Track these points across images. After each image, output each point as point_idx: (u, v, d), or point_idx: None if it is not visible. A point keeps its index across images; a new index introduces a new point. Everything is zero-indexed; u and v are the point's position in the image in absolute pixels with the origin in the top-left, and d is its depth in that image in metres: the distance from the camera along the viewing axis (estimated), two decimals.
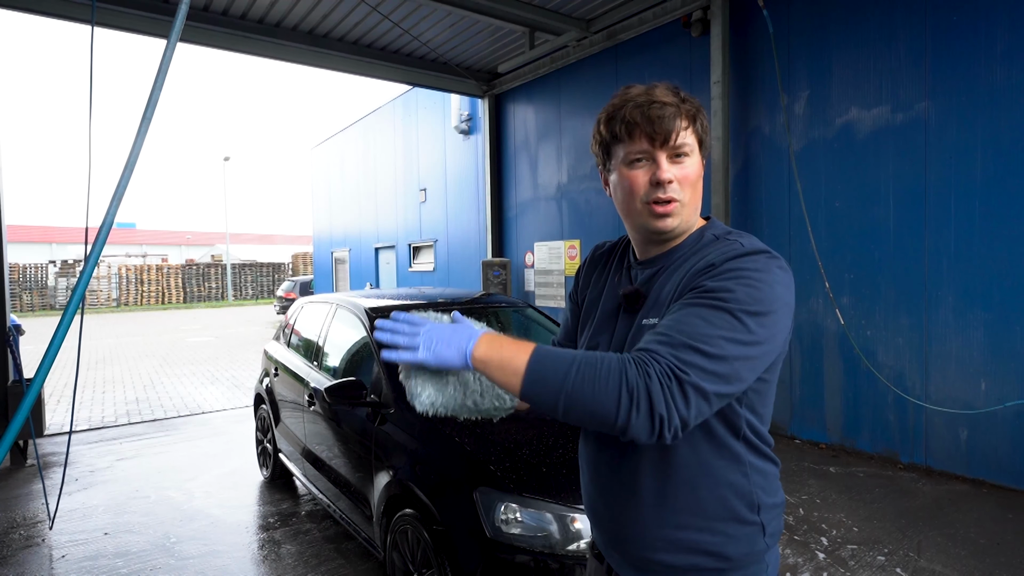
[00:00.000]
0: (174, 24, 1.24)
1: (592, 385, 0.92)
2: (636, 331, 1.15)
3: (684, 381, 0.92)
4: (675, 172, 1.12)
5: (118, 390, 8.81)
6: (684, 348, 0.93)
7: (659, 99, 1.11)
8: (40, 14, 5.83)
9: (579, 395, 0.93)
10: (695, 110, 1.14)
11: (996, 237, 4.24)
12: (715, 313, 0.97)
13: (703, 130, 1.16)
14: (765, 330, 0.99)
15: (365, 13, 6.73)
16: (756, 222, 5.74)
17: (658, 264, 1.19)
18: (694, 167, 1.14)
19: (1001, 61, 4.18)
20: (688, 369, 0.92)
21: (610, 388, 0.91)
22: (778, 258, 1.07)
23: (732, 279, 1.00)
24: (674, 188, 1.12)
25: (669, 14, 6.21)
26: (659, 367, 0.92)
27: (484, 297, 4.28)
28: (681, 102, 1.13)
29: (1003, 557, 3.27)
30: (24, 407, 1.13)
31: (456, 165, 10.52)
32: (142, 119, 1.27)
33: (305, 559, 3.48)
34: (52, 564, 3.48)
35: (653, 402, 0.90)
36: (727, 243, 1.11)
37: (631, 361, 0.94)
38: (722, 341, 0.95)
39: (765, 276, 1.01)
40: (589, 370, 0.94)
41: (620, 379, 0.92)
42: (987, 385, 4.30)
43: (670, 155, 1.12)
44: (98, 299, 29.59)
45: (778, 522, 1.18)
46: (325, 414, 3.56)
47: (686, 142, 1.12)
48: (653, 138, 1.10)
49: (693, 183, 1.14)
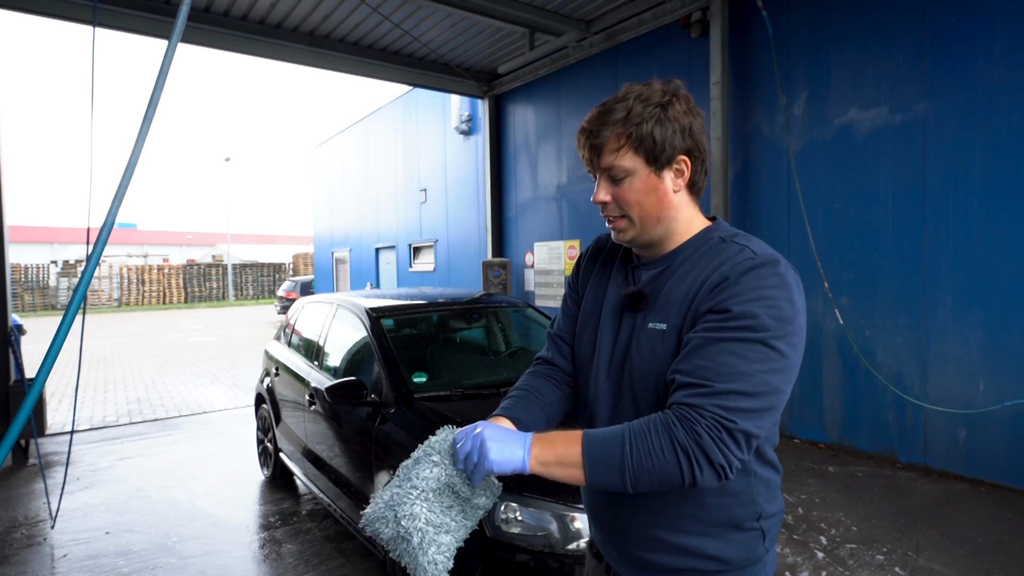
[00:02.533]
0: (175, 25, 1.25)
1: (650, 459, 0.96)
2: (641, 333, 1.14)
3: (733, 430, 0.94)
4: (613, 192, 1.13)
5: (119, 390, 8.82)
6: (725, 395, 0.95)
7: (592, 124, 1.12)
8: (41, 14, 5.84)
9: (641, 471, 0.97)
10: (635, 125, 1.08)
11: (994, 237, 4.25)
12: (747, 347, 0.97)
13: (647, 143, 1.09)
14: (793, 348, 1.01)
15: (366, 14, 6.75)
16: (755, 222, 5.75)
17: (661, 265, 1.17)
18: (632, 186, 1.11)
19: (1000, 62, 4.19)
20: (734, 417, 0.95)
21: (667, 457, 0.95)
22: (788, 264, 1.06)
23: (754, 301, 0.99)
24: (611, 208, 1.14)
25: (669, 15, 6.22)
26: (706, 423, 0.94)
27: (484, 297, 4.28)
28: (616, 121, 1.09)
29: (1001, 556, 3.28)
30: (26, 407, 1.14)
31: (456, 165, 10.53)
32: (143, 120, 1.28)
33: (306, 558, 3.49)
34: (54, 563, 3.49)
35: (711, 457, 0.94)
36: (735, 248, 1.09)
37: (676, 422, 0.96)
38: (760, 375, 0.97)
39: (784, 292, 1.01)
40: (642, 444, 0.97)
41: (673, 446, 0.95)
42: (985, 385, 4.30)
43: (607, 177, 1.13)
44: (99, 299, 29.62)
45: (777, 528, 1.19)
46: (326, 414, 3.57)
47: (615, 164, 1.10)
48: (589, 163, 1.14)
49: (635, 201, 1.12)
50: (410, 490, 1.08)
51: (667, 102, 1.10)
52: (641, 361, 1.12)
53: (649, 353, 1.11)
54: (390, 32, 7.33)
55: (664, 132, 1.09)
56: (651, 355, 1.11)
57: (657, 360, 1.10)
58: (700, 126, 1.14)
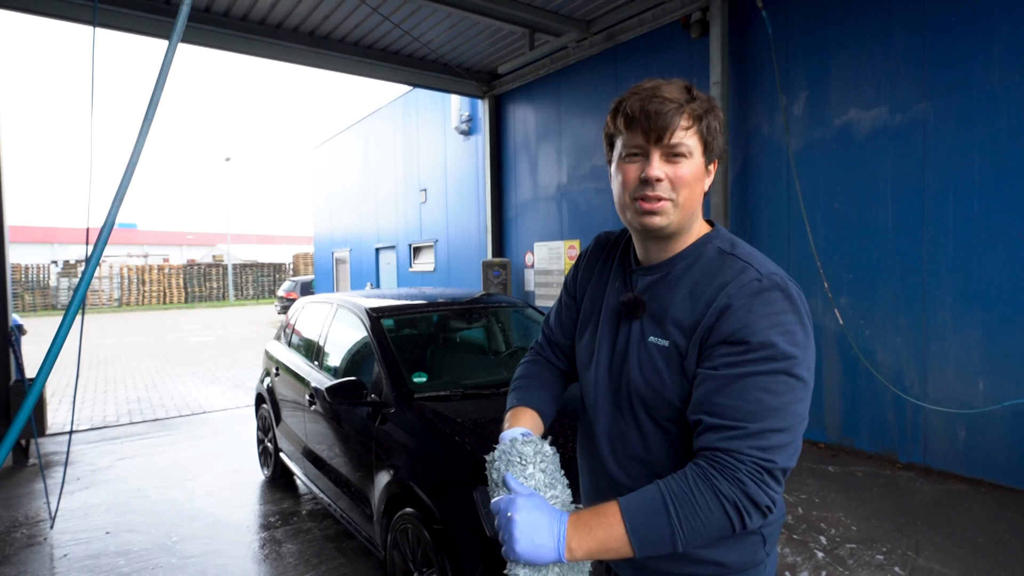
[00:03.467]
0: (176, 25, 1.26)
1: (698, 519, 0.95)
2: (641, 345, 1.13)
3: (774, 470, 0.96)
4: (667, 171, 1.08)
5: (119, 390, 8.82)
6: (760, 435, 0.95)
7: (661, 94, 1.07)
8: (41, 15, 5.85)
9: (693, 534, 0.95)
10: (703, 111, 1.08)
11: (994, 237, 4.25)
12: (772, 379, 0.97)
13: (710, 132, 1.10)
14: (810, 371, 1.02)
15: (366, 14, 6.75)
16: (755, 222, 5.75)
17: (659, 271, 1.16)
18: (690, 169, 1.08)
19: (999, 62, 4.19)
20: (773, 456, 0.95)
21: (715, 513, 0.94)
22: (792, 282, 1.06)
23: (770, 329, 0.98)
24: (663, 187, 1.08)
25: (668, 15, 6.22)
26: (746, 468, 0.95)
27: (484, 297, 4.28)
28: (688, 100, 1.07)
29: (1001, 556, 3.28)
30: (26, 407, 1.14)
31: (456, 165, 10.53)
32: (144, 120, 1.28)
33: (306, 558, 3.50)
34: (54, 563, 3.49)
35: (757, 502, 0.95)
36: (738, 266, 1.07)
37: (717, 475, 0.95)
38: (790, 407, 0.97)
39: (795, 316, 1.01)
40: (687, 507, 0.95)
41: (720, 500, 0.94)
42: (985, 385, 4.31)
43: (665, 153, 1.07)
44: (100, 299, 29.62)
45: (778, 532, 1.20)
46: (326, 414, 3.57)
47: (683, 142, 1.07)
48: (648, 133, 1.07)
49: (689, 184, 1.08)
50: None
51: (716, 105, 1.12)
52: (641, 376, 1.11)
53: (651, 369, 1.10)
54: (390, 32, 7.33)
55: (717, 129, 1.11)
56: (653, 371, 1.10)
57: (660, 378, 1.09)
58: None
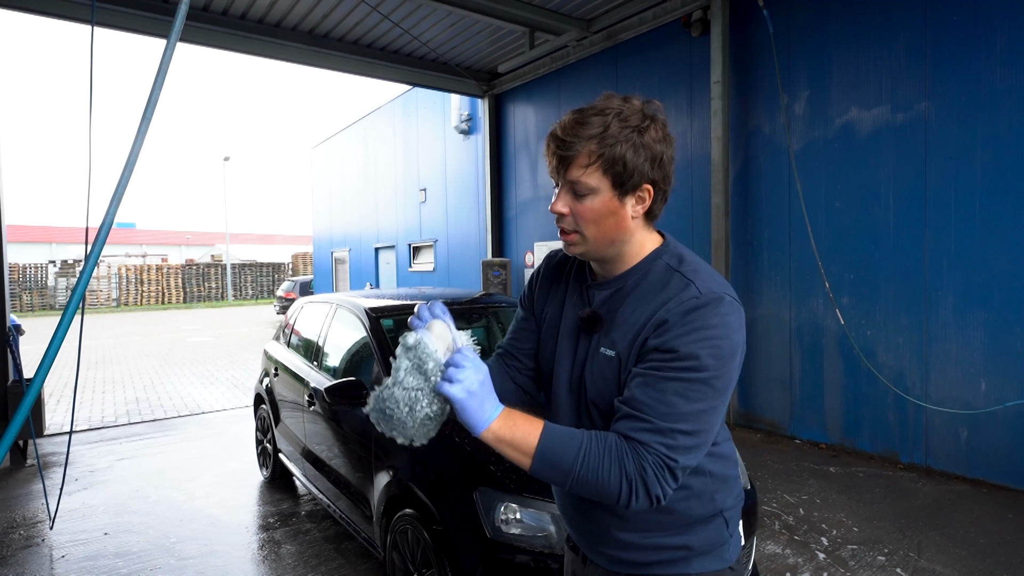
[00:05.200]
0: (174, 24, 1.24)
1: (596, 476, 1.04)
2: (595, 356, 1.18)
3: (675, 468, 1.04)
4: (572, 206, 1.12)
5: (118, 390, 8.81)
6: (669, 433, 1.03)
7: (571, 129, 1.09)
8: (40, 14, 5.83)
9: (584, 483, 1.05)
10: (610, 146, 1.06)
11: (996, 237, 4.24)
12: (691, 387, 1.04)
13: (618, 166, 1.07)
14: (728, 380, 1.08)
15: (365, 13, 6.73)
16: (756, 222, 5.74)
17: (614, 286, 1.20)
18: (592, 205, 1.10)
19: (1000, 61, 4.18)
20: (676, 455, 1.04)
21: (612, 480, 1.04)
22: (730, 299, 1.09)
23: (697, 342, 1.04)
24: (568, 221, 1.14)
25: (669, 14, 6.21)
26: (652, 459, 1.03)
27: (484, 297, 4.27)
28: (594, 136, 1.07)
29: (1003, 557, 3.27)
30: (24, 407, 1.13)
31: (456, 165, 10.52)
32: (142, 119, 1.26)
33: (305, 559, 3.48)
34: (52, 564, 3.48)
35: (649, 489, 1.04)
36: (680, 283, 1.11)
37: (628, 453, 1.04)
38: (702, 415, 1.05)
39: (724, 331, 1.06)
40: (593, 461, 1.04)
41: (621, 472, 1.03)
42: (987, 385, 4.30)
43: (569, 189, 1.12)
44: (98, 299, 29.59)
45: (738, 514, 1.29)
46: (325, 414, 3.55)
47: (582, 181, 1.09)
48: (554, 170, 1.13)
49: (593, 220, 1.11)
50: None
51: (645, 127, 1.09)
52: (594, 385, 1.18)
53: (600, 378, 1.17)
54: (390, 31, 7.32)
55: (636, 159, 1.08)
56: (602, 380, 1.16)
57: (607, 386, 1.16)
58: (671, 156, 1.13)
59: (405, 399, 1.06)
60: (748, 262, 5.83)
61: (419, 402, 1.06)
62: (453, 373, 1.03)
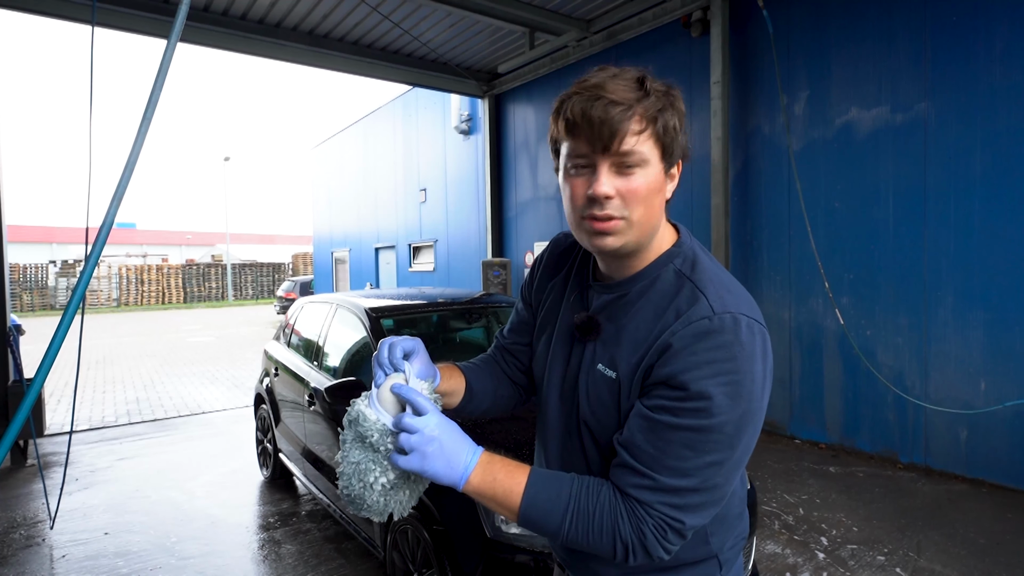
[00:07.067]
0: (174, 24, 1.24)
1: (587, 538, 0.93)
2: (591, 372, 1.04)
3: (681, 530, 0.91)
4: (618, 185, 0.92)
5: (118, 390, 8.81)
6: (675, 492, 0.90)
7: (606, 93, 0.90)
8: (40, 14, 5.83)
9: (575, 542, 0.94)
10: (659, 110, 0.92)
11: (996, 237, 4.24)
12: (700, 436, 0.88)
13: (668, 133, 0.93)
14: (748, 423, 0.90)
15: (365, 13, 6.74)
16: (756, 222, 5.75)
17: (618, 291, 1.04)
18: (645, 180, 0.92)
19: (1000, 61, 4.18)
20: (683, 516, 0.91)
21: (604, 542, 0.92)
22: (749, 321, 0.91)
23: (710, 378, 0.87)
24: (614, 205, 0.92)
25: (669, 14, 6.21)
26: (653, 522, 0.90)
27: (484, 297, 4.28)
28: (641, 98, 0.91)
29: (1003, 557, 3.28)
30: (24, 407, 1.13)
31: (456, 165, 10.52)
32: (142, 119, 1.27)
33: (305, 559, 3.49)
34: (53, 564, 3.48)
35: (649, 552, 0.91)
36: (690, 296, 0.95)
37: (623, 516, 0.91)
38: (713, 468, 0.90)
39: (743, 363, 0.88)
40: (583, 522, 0.93)
41: (614, 536, 0.91)
42: (986, 385, 4.30)
43: (615, 164, 0.92)
44: (98, 299, 29.60)
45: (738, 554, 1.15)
46: (325, 414, 3.56)
47: (636, 150, 0.91)
48: (593, 142, 0.91)
49: (644, 199, 0.93)
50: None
51: (676, 97, 0.96)
52: (588, 404, 1.04)
53: (596, 399, 1.02)
54: (390, 31, 7.32)
55: (679, 127, 0.95)
56: (599, 402, 1.02)
57: (605, 409, 1.01)
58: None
59: (355, 473, 0.98)
60: (748, 262, 5.84)
61: (370, 473, 0.97)
62: (405, 440, 0.92)
